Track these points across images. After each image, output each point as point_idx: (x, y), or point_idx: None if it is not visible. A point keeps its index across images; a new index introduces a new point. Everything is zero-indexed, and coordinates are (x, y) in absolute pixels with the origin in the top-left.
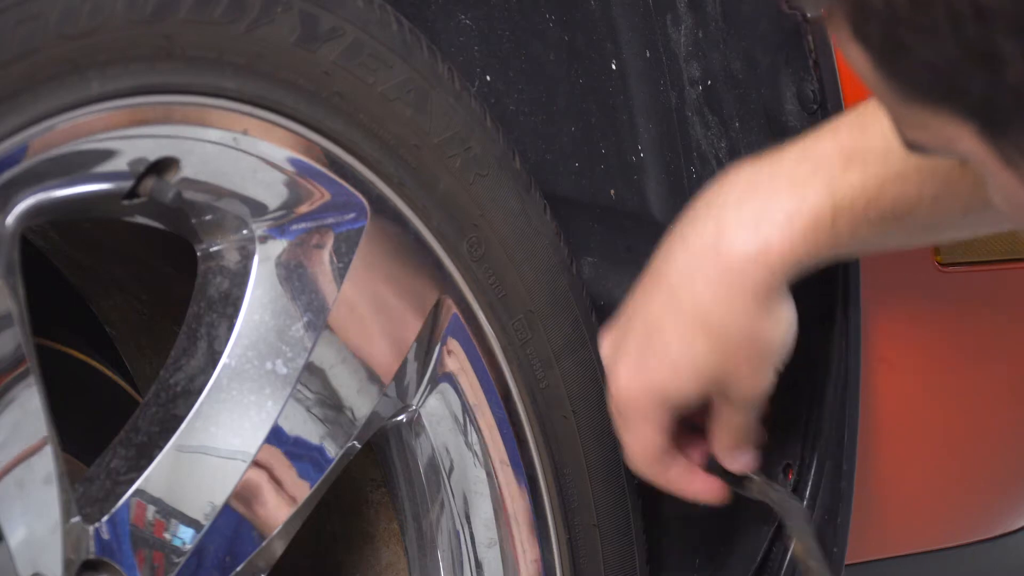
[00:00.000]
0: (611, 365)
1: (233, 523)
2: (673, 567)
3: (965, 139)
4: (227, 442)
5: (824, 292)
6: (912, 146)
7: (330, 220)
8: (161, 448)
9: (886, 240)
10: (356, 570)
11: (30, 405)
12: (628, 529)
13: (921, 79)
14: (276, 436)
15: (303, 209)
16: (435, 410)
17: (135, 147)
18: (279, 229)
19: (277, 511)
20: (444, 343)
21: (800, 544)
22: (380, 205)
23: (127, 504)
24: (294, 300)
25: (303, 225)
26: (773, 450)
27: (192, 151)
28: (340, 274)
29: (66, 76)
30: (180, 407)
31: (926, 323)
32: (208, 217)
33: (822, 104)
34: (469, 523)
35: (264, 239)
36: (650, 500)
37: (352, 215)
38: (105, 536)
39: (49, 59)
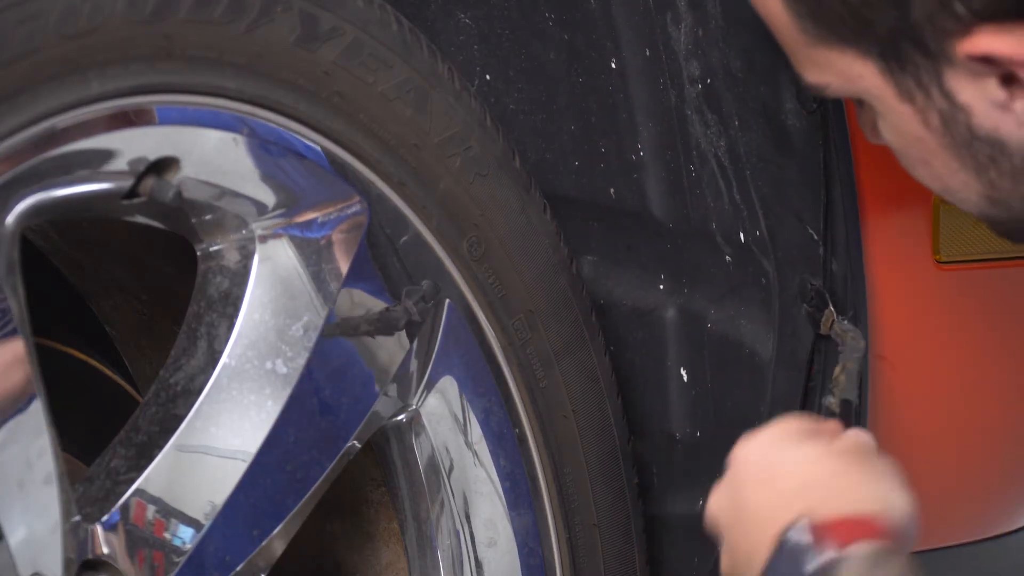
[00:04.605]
0: None
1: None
2: (673, 567)
3: (867, 76)
4: (227, 442)
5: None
6: (814, 88)
7: (330, 219)
8: (161, 448)
9: None
10: (356, 570)
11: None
12: (628, 529)
13: (833, 17)
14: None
15: (303, 208)
16: (435, 410)
17: (135, 147)
18: (279, 228)
19: None
20: (444, 343)
21: (844, 370)
22: (380, 205)
23: (127, 504)
24: (294, 299)
25: (303, 224)
26: None
27: (192, 151)
28: (340, 273)
29: (66, 76)
30: (180, 407)
31: (925, 322)
32: (208, 217)
33: (822, 103)
34: (469, 523)
35: (264, 238)
36: (650, 500)
37: (352, 214)
38: (105, 536)
39: (49, 59)
